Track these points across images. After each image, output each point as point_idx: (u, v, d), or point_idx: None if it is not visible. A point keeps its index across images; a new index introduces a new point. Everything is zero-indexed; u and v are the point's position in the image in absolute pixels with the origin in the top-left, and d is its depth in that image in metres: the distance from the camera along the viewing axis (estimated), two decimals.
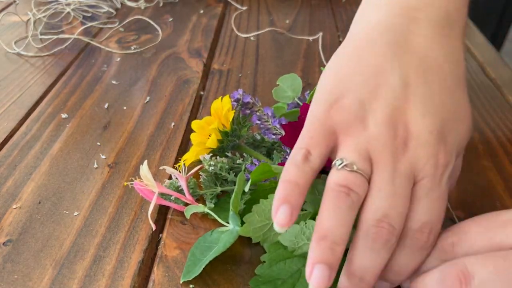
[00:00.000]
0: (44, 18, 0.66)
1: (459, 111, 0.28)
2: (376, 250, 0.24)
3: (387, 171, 0.25)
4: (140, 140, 0.42)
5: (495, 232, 0.23)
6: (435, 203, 0.25)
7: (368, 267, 0.24)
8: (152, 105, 0.48)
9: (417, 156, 0.25)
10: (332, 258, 0.23)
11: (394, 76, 0.27)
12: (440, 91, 0.27)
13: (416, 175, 0.25)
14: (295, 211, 0.24)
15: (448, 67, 0.28)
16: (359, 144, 0.26)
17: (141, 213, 0.35)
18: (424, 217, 0.25)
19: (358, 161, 0.25)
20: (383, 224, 0.24)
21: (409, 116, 0.26)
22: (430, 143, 0.26)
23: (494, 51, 0.59)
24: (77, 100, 0.48)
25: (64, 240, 0.32)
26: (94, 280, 0.30)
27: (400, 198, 0.25)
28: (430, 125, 0.26)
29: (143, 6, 0.72)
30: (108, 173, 0.38)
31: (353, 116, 0.26)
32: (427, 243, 0.25)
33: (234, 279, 0.30)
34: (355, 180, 0.25)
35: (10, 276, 0.30)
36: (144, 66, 0.55)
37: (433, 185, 0.25)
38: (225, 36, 0.64)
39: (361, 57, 0.29)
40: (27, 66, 0.55)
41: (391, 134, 0.26)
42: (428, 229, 0.25)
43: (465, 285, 0.22)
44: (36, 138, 0.43)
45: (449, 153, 0.26)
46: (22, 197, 0.36)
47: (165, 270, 0.30)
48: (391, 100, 0.26)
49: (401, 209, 0.24)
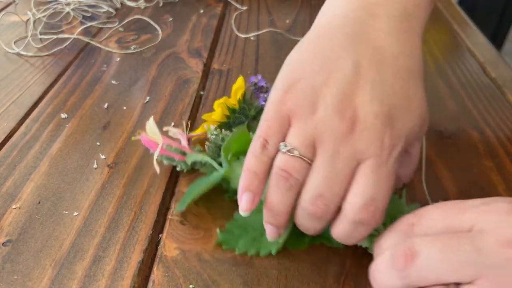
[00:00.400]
0: (44, 18, 0.66)
1: (411, 101, 0.29)
2: (310, 220, 0.28)
3: (328, 154, 0.27)
4: (140, 140, 0.42)
5: (454, 217, 0.23)
6: (379, 182, 0.26)
7: (307, 229, 0.29)
8: (152, 105, 0.48)
9: (361, 139, 0.27)
10: (277, 224, 0.29)
11: (347, 64, 0.28)
12: (392, 80, 0.28)
13: (360, 157, 0.27)
14: (256, 197, 0.28)
15: (403, 60, 0.29)
16: (306, 129, 0.27)
17: (140, 213, 0.35)
18: (369, 195, 0.26)
19: (301, 146, 0.27)
20: (318, 203, 0.27)
21: (357, 101, 0.27)
22: (376, 127, 0.27)
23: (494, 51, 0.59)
24: (76, 100, 0.48)
25: (63, 240, 0.32)
26: (93, 280, 0.30)
27: (337, 179, 0.26)
28: (377, 109, 0.27)
29: (143, 6, 0.72)
30: (108, 173, 0.38)
31: (305, 102, 0.28)
32: (371, 220, 0.26)
33: (234, 279, 0.30)
34: (295, 165, 0.27)
35: (10, 276, 0.30)
36: (144, 66, 0.55)
37: (378, 165, 0.26)
38: (225, 36, 0.64)
39: (319, 46, 0.30)
40: (26, 66, 0.55)
41: (338, 118, 0.27)
42: (373, 206, 0.26)
43: (410, 261, 0.22)
44: (35, 138, 0.42)
45: (396, 137, 0.27)
46: (22, 197, 0.36)
47: (165, 270, 0.30)
48: (341, 86, 0.28)
49: (337, 190, 0.27)
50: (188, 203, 0.34)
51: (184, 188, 0.37)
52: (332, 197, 0.27)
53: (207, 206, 0.35)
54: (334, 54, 0.29)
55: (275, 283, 0.30)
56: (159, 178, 0.38)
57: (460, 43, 0.61)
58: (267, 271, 0.30)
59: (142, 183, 0.37)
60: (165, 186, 0.37)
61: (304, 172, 0.27)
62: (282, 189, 0.27)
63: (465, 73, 0.54)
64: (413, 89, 0.29)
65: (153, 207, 0.35)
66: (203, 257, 0.31)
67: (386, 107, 0.27)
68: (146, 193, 0.36)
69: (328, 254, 0.31)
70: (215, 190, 0.36)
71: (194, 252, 0.32)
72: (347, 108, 0.27)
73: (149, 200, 0.36)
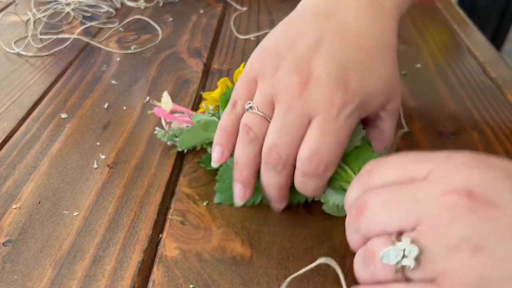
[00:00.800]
0: (44, 18, 0.66)
1: (372, 70, 0.30)
2: (269, 172, 0.30)
3: (282, 109, 0.29)
4: (140, 140, 0.42)
5: (411, 165, 0.23)
6: (325, 136, 0.29)
7: (268, 184, 0.31)
8: (152, 105, 0.48)
9: (313, 95, 0.29)
10: (241, 179, 0.32)
11: (311, 35, 0.31)
12: (353, 51, 0.30)
13: (311, 113, 0.29)
14: (225, 150, 0.32)
15: (369, 34, 0.31)
16: (266, 88, 0.30)
17: (141, 213, 0.35)
18: (313, 147, 0.29)
19: (261, 104, 0.30)
20: (272, 153, 0.29)
21: (314, 63, 0.30)
22: (327, 85, 0.29)
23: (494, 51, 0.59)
24: (76, 100, 0.48)
25: (63, 240, 0.32)
26: (94, 281, 0.30)
27: (288, 131, 0.29)
28: (331, 70, 0.29)
29: (143, 6, 0.72)
30: (108, 173, 0.38)
31: (268, 65, 0.31)
32: (315, 172, 0.29)
33: (234, 279, 0.30)
34: (254, 121, 0.30)
35: (10, 276, 0.30)
36: (144, 66, 0.55)
37: (327, 121, 0.29)
38: (225, 36, 0.64)
39: (290, 24, 0.33)
40: (26, 66, 0.55)
41: (294, 78, 0.29)
42: (317, 158, 0.29)
43: (360, 214, 0.23)
44: (35, 138, 0.42)
45: (347, 97, 0.29)
46: (22, 197, 0.36)
47: (165, 270, 0.30)
48: (302, 51, 0.30)
49: (288, 141, 0.29)
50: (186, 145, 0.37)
51: (184, 188, 0.37)
52: (284, 148, 0.29)
53: (207, 206, 0.35)
54: (301, 29, 0.32)
55: (275, 283, 0.30)
56: (159, 178, 0.38)
57: (460, 43, 0.61)
58: (267, 271, 0.30)
59: (142, 183, 0.37)
60: (165, 186, 0.37)
61: (263, 127, 0.30)
62: (244, 142, 0.31)
63: (465, 73, 0.54)
64: (377, 61, 0.31)
65: (153, 207, 0.35)
66: (203, 257, 0.31)
67: (341, 69, 0.29)
68: (146, 193, 0.36)
69: (328, 254, 0.31)
70: None
71: (194, 252, 0.32)
72: (304, 69, 0.30)
73: (149, 200, 0.36)
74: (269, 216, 0.34)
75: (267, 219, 0.34)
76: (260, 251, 0.32)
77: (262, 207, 0.35)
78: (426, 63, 0.56)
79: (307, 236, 0.33)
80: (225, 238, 0.33)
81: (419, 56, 0.58)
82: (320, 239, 0.33)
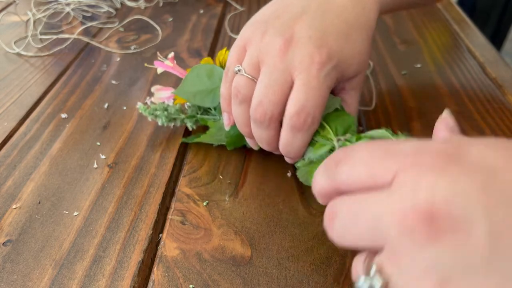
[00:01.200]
0: (44, 18, 0.66)
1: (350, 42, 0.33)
2: (257, 128, 0.33)
3: (267, 69, 0.31)
4: (139, 140, 0.42)
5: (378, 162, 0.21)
6: (310, 92, 0.30)
7: (260, 139, 0.34)
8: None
9: (294, 55, 0.31)
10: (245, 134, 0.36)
11: (297, 5, 0.33)
12: (336, 24, 0.33)
13: (293, 71, 0.31)
14: (230, 115, 0.36)
15: (350, 13, 0.33)
16: (253, 52, 0.32)
17: (140, 213, 0.35)
18: (299, 102, 0.30)
19: (247, 67, 0.33)
20: (258, 109, 0.32)
21: (297, 27, 0.32)
22: (307, 45, 0.31)
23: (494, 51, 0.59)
24: (76, 100, 0.48)
25: (63, 240, 0.32)
26: (94, 280, 0.30)
27: (272, 88, 0.31)
28: (312, 33, 0.31)
29: (143, 6, 0.72)
30: (108, 173, 0.38)
31: (257, 32, 0.33)
32: (304, 126, 0.31)
33: (234, 279, 0.30)
34: (242, 83, 0.33)
35: (10, 276, 0.30)
36: (144, 66, 0.55)
37: (308, 78, 0.30)
38: (225, 36, 0.64)
39: (279, 1, 0.36)
40: (26, 66, 0.55)
41: (278, 40, 0.31)
42: (303, 113, 0.30)
43: (331, 223, 0.22)
44: (35, 138, 0.42)
45: (326, 56, 0.31)
46: (22, 197, 0.36)
47: (165, 270, 0.30)
48: (287, 18, 0.33)
49: (272, 97, 0.31)
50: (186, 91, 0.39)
51: (184, 188, 0.37)
52: (269, 104, 0.31)
53: (207, 206, 0.35)
54: (289, 1, 0.34)
55: (275, 283, 0.30)
56: (159, 178, 0.38)
57: (460, 43, 0.61)
58: (267, 271, 0.30)
59: (142, 183, 0.37)
60: (165, 186, 0.37)
61: (250, 88, 0.32)
62: (235, 104, 0.34)
63: (465, 73, 0.54)
64: (355, 34, 0.33)
65: (153, 207, 0.35)
66: (203, 257, 0.31)
67: (321, 33, 0.32)
68: (146, 193, 0.36)
69: (328, 254, 0.31)
70: (215, 190, 0.36)
71: (194, 252, 0.32)
72: (287, 32, 0.32)
73: (149, 200, 0.36)
74: (269, 216, 0.34)
75: (267, 219, 0.34)
76: (260, 251, 0.32)
77: (262, 207, 0.35)
78: (426, 63, 0.56)
79: (307, 236, 0.33)
80: (225, 238, 0.33)
81: (419, 56, 0.58)
82: (320, 239, 0.33)
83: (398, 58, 0.57)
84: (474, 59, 0.57)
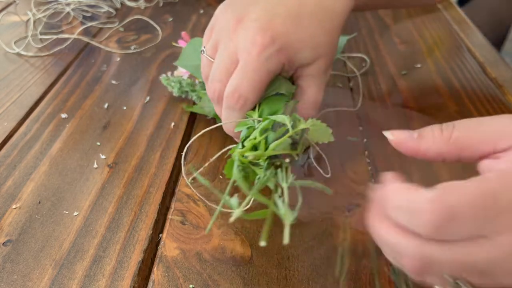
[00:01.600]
0: (44, 18, 0.66)
1: (304, 28, 0.33)
2: (213, 103, 0.36)
3: (219, 50, 0.34)
4: (139, 140, 0.42)
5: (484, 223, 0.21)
6: (246, 74, 0.32)
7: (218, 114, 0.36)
8: (152, 105, 0.48)
9: (239, 36, 0.33)
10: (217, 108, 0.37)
11: None
12: (293, 4, 0.33)
13: (238, 53, 0.33)
14: None
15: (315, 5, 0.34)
16: (214, 34, 0.35)
17: (140, 213, 0.35)
18: (235, 83, 0.32)
19: (208, 49, 0.36)
20: (210, 87, 0.35)
21: (250, 10, 0.34)
22: (252, 27, 0.32)
23: (494, 51, 0.59)
24: (76, 100, 0.48)
25: (63, 240, 0.32)
26: (94, 280, 0.30)
27: (219, 68, 0.34)
28: (260, 16, 0.33)
29: (143, 6, 0.72)
30: (108, 173, 0.38)
31: (222, 17, 0.35)
32: (236, 105, 0.33)
33: (234, 279, 0.30)
34: (203, 63, 0.37)
35: (10, 276, 0.30)
36: (144, 66, 0.55)
37: (247, 60, 0.32)
38: None
39: None
40: (26, 66, 0.55)
41: (230, 23, 0.34)
42: (236, 93, 0.32)
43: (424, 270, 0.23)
44: (35, 138, 0.42)
45: (268, 39, 0.32)
46: (22, 197, 0.36)
47: (165, 270, 0.30)
48: (247, 2, 0.34)
49: (218, 77, 0.34)
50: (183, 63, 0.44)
51: (184, 188, 0.37)
52: (217, 84, 0.34)
53: (207, 206, 0.35)
54: None
55: (275, 283, 0.30)
56: (159, 178, 0.38)
57: (460, 43, 0.61)
58: (267, 271, 0.30)
59: (142, 183, 0.37)
60: (165, 186, 0.37)
61: (209, 67, 0.36)
62: (205, 81, 0.37)
63: (465, 73, 0.54)
64: (314, 19, 0.34)
65: (153, 207, 0.35)
66: (203, 257, 0.31)
67: (270, 15, 0.33)
68: (146, 193, 0.36)
69: (328, 254, 0.31)
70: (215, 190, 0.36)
71: (194, 252, 0.32)
72: (240, 15, 0.34)
73: (149, 200, 0.36)
74: None
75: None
76: (260, 251, 0.32)
77: (262, 207, 0.35)
78: (426, 63, 0.56)
79: (307, 236, 0.33)
80: (225, 238, 0.33)
81: (419, 56, 0.58)
82: (320, 239, 0.33)
83: (398, 58, 0.57)
84: (474, 59, 0.57)
